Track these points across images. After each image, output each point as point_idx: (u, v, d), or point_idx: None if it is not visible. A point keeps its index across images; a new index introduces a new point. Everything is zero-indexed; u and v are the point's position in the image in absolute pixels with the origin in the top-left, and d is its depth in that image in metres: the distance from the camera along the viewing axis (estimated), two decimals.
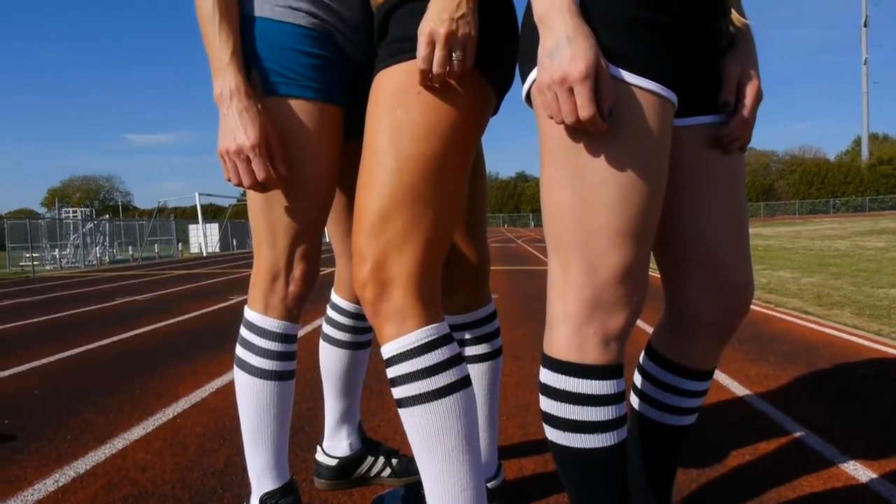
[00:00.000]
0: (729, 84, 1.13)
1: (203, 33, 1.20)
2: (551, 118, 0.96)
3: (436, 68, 1.05)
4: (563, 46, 0.92)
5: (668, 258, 1.22)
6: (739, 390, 2.89)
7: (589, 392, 1.03)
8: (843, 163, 78.64)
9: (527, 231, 47.75)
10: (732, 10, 1.12)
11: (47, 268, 18.74)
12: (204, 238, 28.15)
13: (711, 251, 1.17)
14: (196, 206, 30.06)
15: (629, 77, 0.96)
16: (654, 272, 1.28)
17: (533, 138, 1.11)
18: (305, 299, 1.38)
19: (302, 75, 1.24)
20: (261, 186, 1.22)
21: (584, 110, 0.92)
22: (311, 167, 1.27)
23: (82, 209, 27.83)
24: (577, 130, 0.97)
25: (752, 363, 3.43)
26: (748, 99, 1.13)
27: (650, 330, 1.93)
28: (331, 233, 1.67)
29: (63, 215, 24.30)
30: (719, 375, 3.14)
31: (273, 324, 1.35)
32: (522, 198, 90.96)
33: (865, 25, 76.33)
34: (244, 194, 1.25)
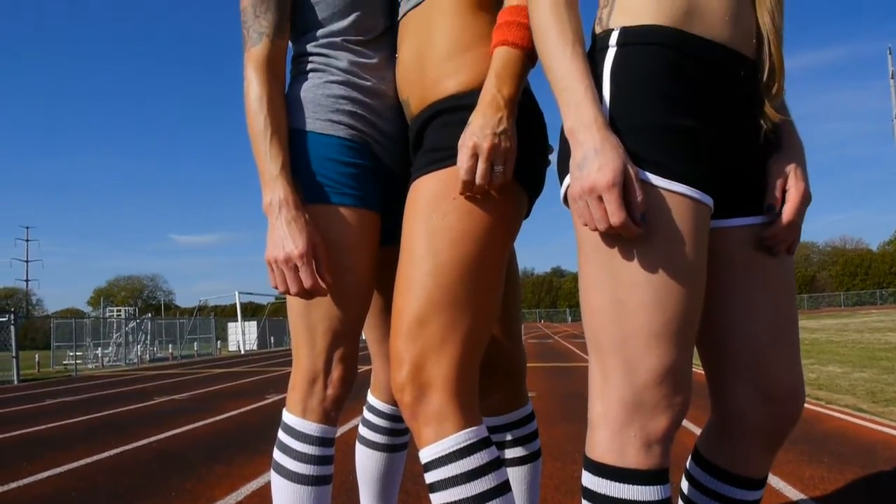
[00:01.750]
0: (773, 186, 1.13)
1: (254, 147, 1.28)
2: (586, 226, 0.99)
3: (479, 180, 1.10)
4: (590, 157, 0.96)
5: (714, 361, 1.18)
6: (794, 494, 2.75)
7: (631, 498, 1.00)
8: (887, 253, 77.07)
9: (564, 326, 47.20)
10: (770, 109, 1.10)
11: (89, 366, 19.00)
12: (242, 336, 28.40)
13: (760, 355, 1.13)
14: (236, 304, 30.54)
15: (659, 181, 0.98)
16: (700, 369, 1.25)
17: (568, 234, 1.13)
18: (344, 402, 1.39)
19: (341, 183, 1.30)
20: (307, 294, 1.25)
21: (615, 217, 0.94)
22: (351, 272, 1.31)
23: (126, 308, 28.45)
24: (611, 234, 0.99)
25: (806, 465, 3.27)
26: (792, 202, 1.12)
27: (698, 431, 1.87)
28: (368, 336, 1.69)
29: (107, 314, 24.84)
30: (772, 478, 2.99)
31: (311, 427, 1.35)
32: (559, 293, 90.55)
33: None
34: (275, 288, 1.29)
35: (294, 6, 1.36)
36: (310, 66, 1.37)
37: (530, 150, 1.19)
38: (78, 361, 17.67)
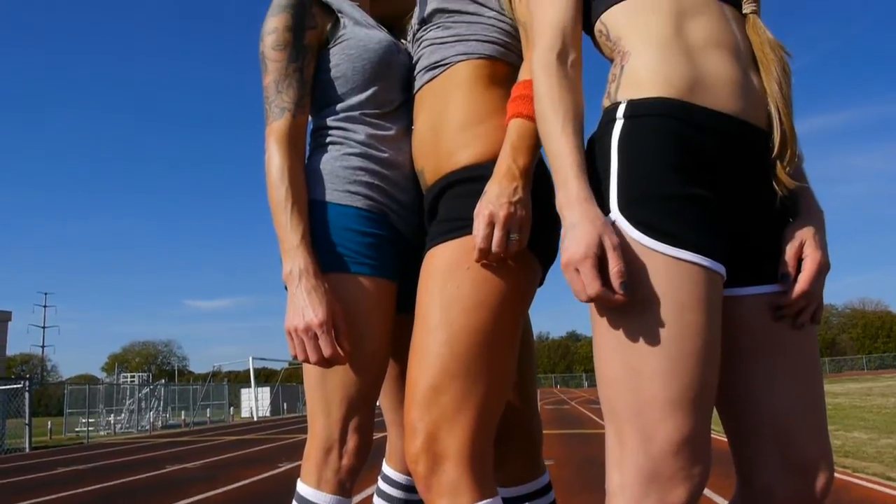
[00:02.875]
0: (787, 254, 1.11)
1: (274, 217, 1.31)
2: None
3: (495, 248, 1.12)
4: (569, 232, 1.01)
5: (738, 434, 1.15)
6: None
7: None
8: None
9: (580, 392, 46.41)
10: (784, 175, 1.09)
11: (102, 433, 18.85)
12: (255, 402, 28.17)
13: (784, 428, 1.10)
14: (249, 369, 30.41)
15: (669, 250, 1.00)
16: (722, 436, 1.23)
17: None
18: (359, 472, 1.37)
19: (359, 253, 1.32)
20: (326, 363, 1.26)
21: (590, 288, 0.98)
22: (368, 341, 1.32)
23: (140, 374, 28.41)
24: (624, 301, 1.00)
25: None
26: (808, 270, 1.10)
27: (719, 499, 1.83)
28: (383, 403, 1.68)
29: (121, 380, 24.80)
30: None
31: (326, 499, 1.34)
32: (575, 357, 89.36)
33: None
34: (295, 358, 1.30)
35: (314, 82, 1.42)
36: (329, 138, 1.41)
37: (544, 219, 1.21)
38: (90, 428, 17.55)
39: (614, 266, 0.98)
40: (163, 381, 29.42)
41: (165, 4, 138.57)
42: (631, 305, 1.00)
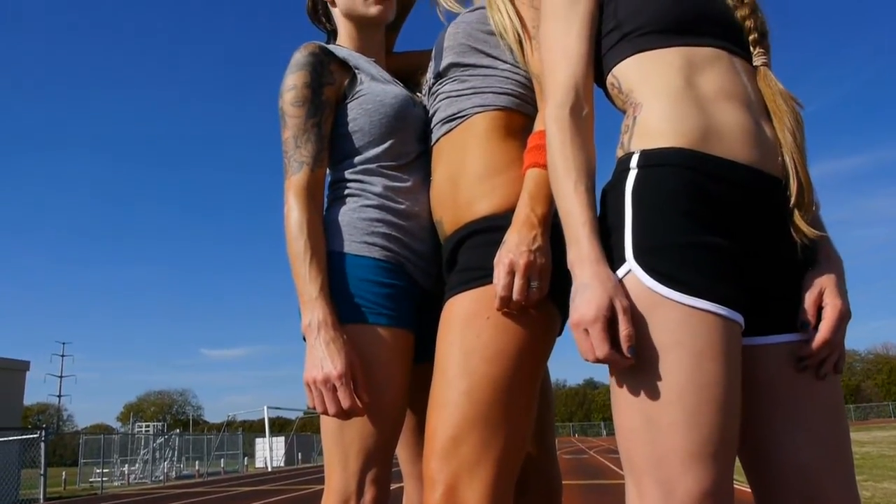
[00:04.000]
0: (807, 303, 1.10)
1: (293, 269, 1.33)
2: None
3: (516, 296, 1.13)
4: (579, 291, 1.01)
5: (763, 487, 1.12)
6: None
7: None
8: None
9: (599, 441, 45.56)
10: (802, 224, 1.09)
11: (116, 484, 18.69)
12: (270, 452, 27.89)
13: (812, 483, 1.07)
14: (264, 419, 30.20)
15: (685, 299, 0.99)
16: (746, 486, 1.20)
17: None
18: None
19: (377, 304, 1.33)
20: (345, 414, 1.26)
21: (599, 350, 0.98)
22: (386, 392, 1.32)
23: (154, 424, 28.30)
24: (639, 353, 1.00)
25: None
26: (829, 319, 1.09)
27: None
28: (400, 455, 1.66)
29: (136, 430, 24.72)
30: None
31: None
32: (593, 406, 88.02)
33: None
34: (310, 407, 1.30)
35: (332, 136, 1.45)
36: (346, 190, 1.44)
37: (563, 267, 1.22)
38: (104, 479, 17.42)
39: (624, 329, 0.98)
40: (177, 430, 29.29)
41: (191, 46, 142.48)
42: (647, 355, 0.99)
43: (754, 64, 1.17)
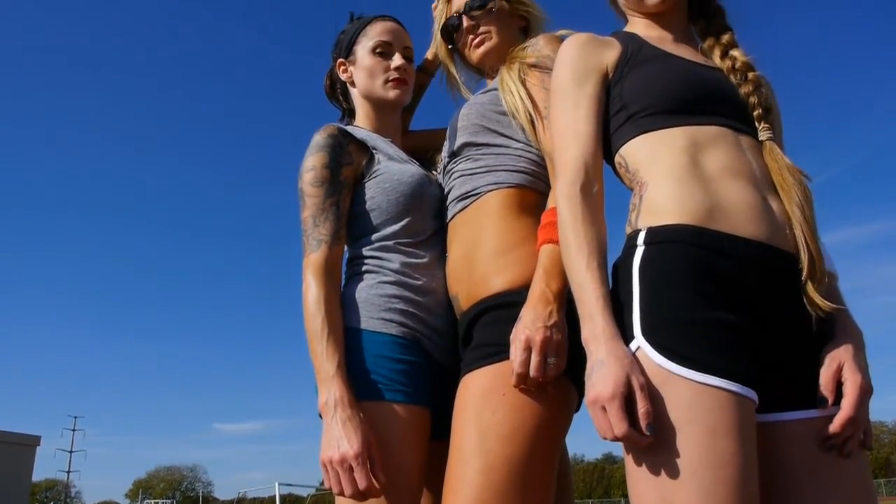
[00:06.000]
0: (824, 378, 1.08)
1: (310, 346, 1.34)
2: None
3: (532, 372, 1.12)
4: (596, 369, 1.01)
5: None
6: None
7: None
8: None
9: None
10: (816, 296, 1.08)
11: None
12: None
13: None
14: (275, 496, 29.50)
15: (695, 375, 0.99)
16: None
17: None
18: None
19: (393, 380, 1.34)
20: (361, 495, 1.24)
21: (617, 428, 0.97)
22: (402, 471, 1.30)
23: (163, 501, 27.72)
24: (650, 442, 0.98)
25: None
26: (850, 396, 1.06)
27: None
28: None
29: None
30: None
31: None
32: (612, 481, 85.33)
33: None
34: (322, 484, 1.28)
35: (350, 214, 1.49)
36: (364, 267, 1.46)
37: (578, 344, 1.22)
38: None
39: (642, 407, 0.97)
40: None
41: (212, 115, 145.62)
42: (660, 432, 0.98)
43: (760, 139, 1.19)
